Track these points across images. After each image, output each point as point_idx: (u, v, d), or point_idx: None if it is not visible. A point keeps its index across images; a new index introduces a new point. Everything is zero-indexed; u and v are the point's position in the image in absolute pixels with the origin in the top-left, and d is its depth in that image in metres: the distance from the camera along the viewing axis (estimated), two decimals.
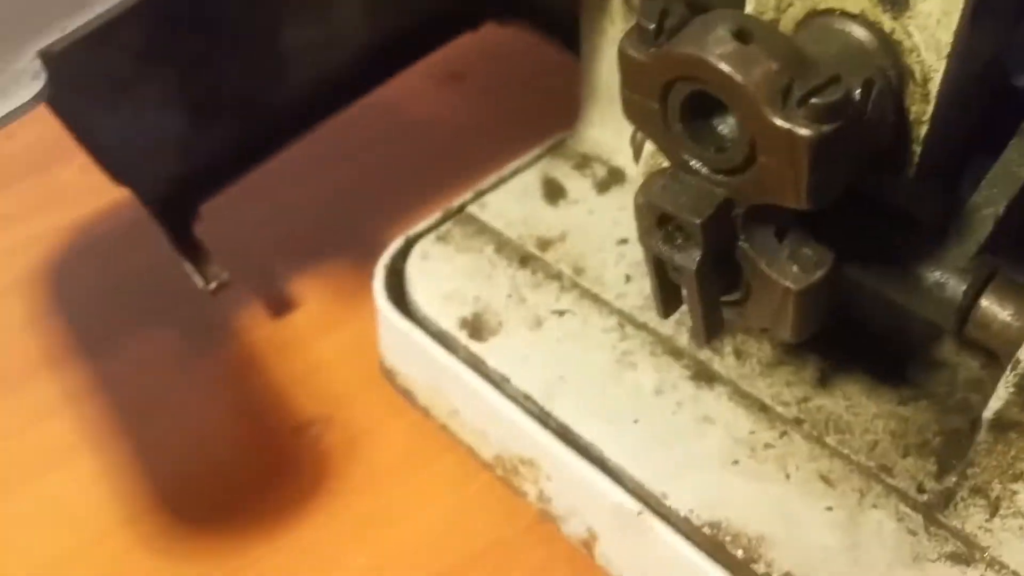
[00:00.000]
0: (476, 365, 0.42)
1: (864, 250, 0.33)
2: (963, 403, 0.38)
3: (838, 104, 0.24)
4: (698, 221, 0.28)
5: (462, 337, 0.43)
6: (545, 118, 0.52)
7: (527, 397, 0.41)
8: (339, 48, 0.52)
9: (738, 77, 0.25)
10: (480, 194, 0.49)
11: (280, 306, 0.52)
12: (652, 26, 0.27)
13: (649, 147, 0.37)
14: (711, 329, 0.32)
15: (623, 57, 0.28)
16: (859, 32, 0.30)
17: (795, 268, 0.29)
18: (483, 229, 0.47)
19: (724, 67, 0.25)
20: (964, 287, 0.32)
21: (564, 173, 0.50)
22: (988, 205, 0.32)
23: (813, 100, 0.24)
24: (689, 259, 0.29)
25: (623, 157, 0.48)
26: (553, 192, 0.49)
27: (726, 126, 0.28)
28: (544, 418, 0.40)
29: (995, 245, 0.32)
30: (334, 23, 0.51)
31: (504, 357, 0.42)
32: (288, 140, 0.52)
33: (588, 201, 0.48)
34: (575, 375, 0.41)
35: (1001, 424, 0.32)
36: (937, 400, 0.38)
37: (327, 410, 0.46)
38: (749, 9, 0.33)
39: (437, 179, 0.54)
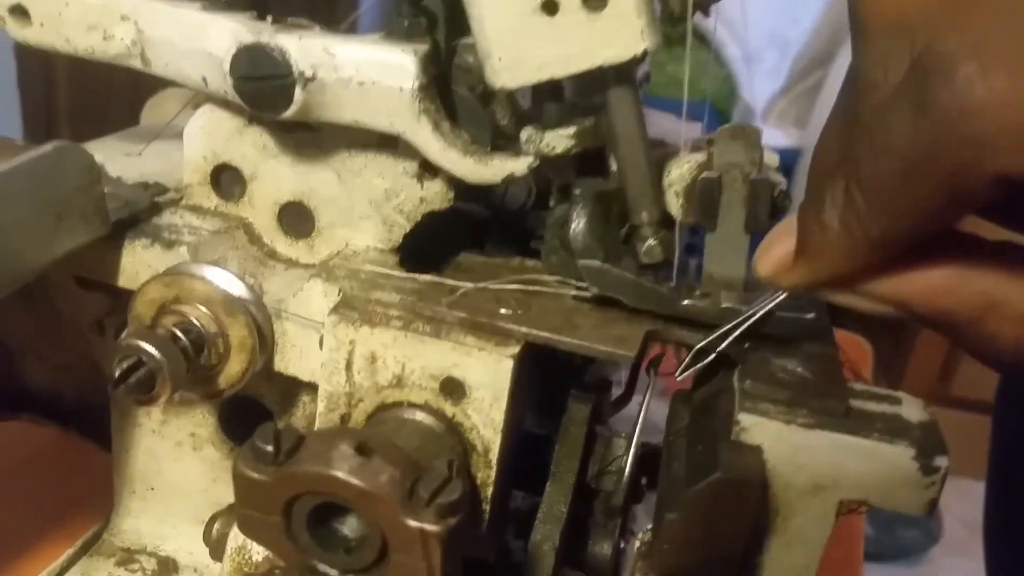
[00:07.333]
0: None
1: None
2: None
3: (457, 501, 0.28)
4: None
5: None
6: (72, 512, 0.48)
7: None
8: None
9: (369, 487, 0.27)
10: None
11: None
12: (270, 447, 0.28)
13: (234, 543, 0.37)
14: None
15: (241, 479, 0.29)
16: (427, 420, 0.35)
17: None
18: None
19: (355, 480, 0.27)
20: None
21: (108, 573, 0.46)
22: (546, 541, 0.38)
23: (438, 500, 0.28)
24: None
25: (171, 545, 0.47)
26: None
27: (348, 528, 0.30)
28: None
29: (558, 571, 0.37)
30: None
31: None
32: None
33: None
34: None
35: None
36: None
37: None
38: (320, 408, 0.36)
39: None
